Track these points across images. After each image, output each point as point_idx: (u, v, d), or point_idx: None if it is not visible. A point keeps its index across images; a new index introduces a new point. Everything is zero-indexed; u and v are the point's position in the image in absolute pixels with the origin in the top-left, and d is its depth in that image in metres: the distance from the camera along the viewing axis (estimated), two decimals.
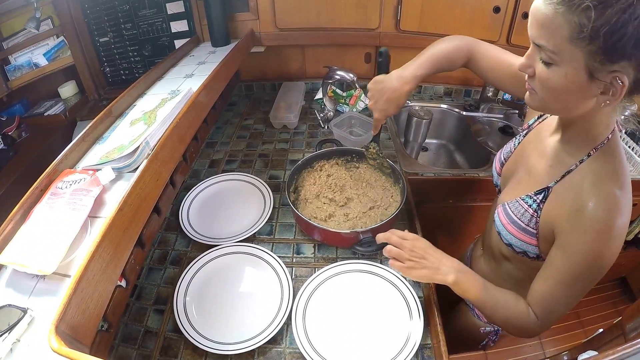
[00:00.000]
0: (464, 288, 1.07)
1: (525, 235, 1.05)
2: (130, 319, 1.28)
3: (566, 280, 0.95)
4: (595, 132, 0.93)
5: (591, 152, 0.93)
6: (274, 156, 2.00)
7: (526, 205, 1.04)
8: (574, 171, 0.96)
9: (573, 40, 0.77)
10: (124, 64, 2.48)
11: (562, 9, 0.77)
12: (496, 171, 1.30)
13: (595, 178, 0.90)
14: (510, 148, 1.25)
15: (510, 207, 1.09)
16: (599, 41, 0.74)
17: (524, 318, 1.03)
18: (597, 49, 0.75)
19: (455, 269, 1.08)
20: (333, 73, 2.00)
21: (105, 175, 1.10)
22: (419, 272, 1.09)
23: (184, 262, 1.45)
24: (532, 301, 1.03)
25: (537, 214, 1.01)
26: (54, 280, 0.90)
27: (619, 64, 0.76)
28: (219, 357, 1.17)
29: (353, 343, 1.18)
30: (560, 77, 0.83)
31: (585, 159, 0.94)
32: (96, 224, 1.02)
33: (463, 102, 2.48)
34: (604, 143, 0.92)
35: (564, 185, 0.97)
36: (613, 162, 0.92)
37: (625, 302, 2.90)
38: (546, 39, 0.82)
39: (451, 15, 2.14)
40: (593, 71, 0.79)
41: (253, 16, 2.22)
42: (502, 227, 1.11)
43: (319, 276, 1.35)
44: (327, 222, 1.48)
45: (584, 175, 0.93)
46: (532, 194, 1.03)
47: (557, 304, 1.00)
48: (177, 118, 1.26)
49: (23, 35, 2.27)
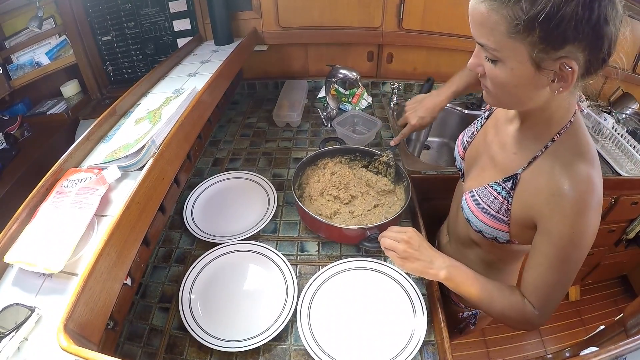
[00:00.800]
0: (457, 282, 1.09)
1: (495, 222, 1.05)
2: (135, 317, 1.28)
3: (555, 264, 0.94)
4: (557, 117, 0.94)
5: (555, 137, 0.94)
6: (277, 154, 2.00)
7: (495, 193, 1.04)
8: (540, 157, 0.96)
9: (512, 35, 0.77)
10: (126, 63, 2.49)
11: (495, 5, 0.77)
12: (459, 155, 1.31)
13: (565, 160, 0.91)
14: (472, 132, 1.27)
15: (478, 194, 1.10)
16: (537, 30, 0.74)
17: (521, 309, 1.03)
18: (537, 39, 0.75)
19: (447, 265, 1.10)
20: (336, 71, 2.00)
21: (111, 173, 1.10)
22: (412, 264, 1.12)
23: (188, 260, 1.45)
24: (526, 292, 1.03)
25: (507, 202, 1.01)
26: (61, 279, 0.90)
27: (564, 50, 0.75)
28: (224, 355, 1.17)
29: (357, 340, 1.18)
30: (507, 72, 0.84)
31: (550, 144, 0.95)
32: (103, 223, 1.02)
33: (465, 100, 2.48)
34: (566, 127, 0.93)
35: (533, 172, 0.97)
36: (579, 142, 0.93)
37: (626, 300, 2.91)
38: (486, 37, 0.82)
39: (454, 13, 2.13)
40: (539, 61, 0.78)
41: (256, 15, 2.22)
42: (472, 214, 1.11)
43: (324, 274, 1.35)
44: (332, 220, 1.48)
45: (553, 160, 0.93)
46: (500, 181, 1.04)
47: (552, 290, 0.99)
48: (182, 116, 1.26)
49: (25, 34, 2.27)
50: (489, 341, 2.69)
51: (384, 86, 2.58)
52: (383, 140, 2.08)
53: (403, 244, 1.14)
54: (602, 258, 2.46)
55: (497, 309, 1.08)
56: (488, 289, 1.07)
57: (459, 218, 1.28)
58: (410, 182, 1.55)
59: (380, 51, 2.46)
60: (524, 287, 1.04)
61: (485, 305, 1.10)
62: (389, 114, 2.30)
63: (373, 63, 2.52)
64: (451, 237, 1.43)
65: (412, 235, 1.15)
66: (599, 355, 0.91)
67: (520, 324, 1.07)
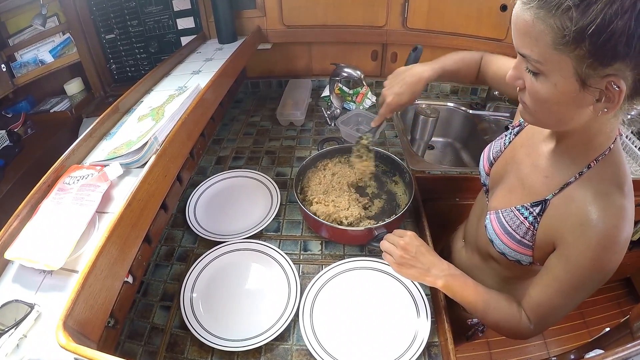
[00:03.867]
0: (454, 291, 1.08)
1: (520, 247, 1.02)
2: (136, 315, 1.27)
3: (565, 290, 0.91)
4: (596, 143, 0.87)
5: (592, 163, 0.88)
6: (281, 153, 2.00)
7: (522, 217, 1.00)
8: (573, 183, 0.90)
9: (558, 46, 0.71)
10: (130, 61, 2.49)
11: (542, 13, 0.71)
12: (484, 170, 1.25)
13: (599, 190, 0.85)
14: (500, 147, 1.20)
15: (504, 216, 1.05)
16: (586, 43, 0.67)
17: (516, 322, 1.02)
18: (585, 53, 0.68)
19: (445, 273, 1.09)
20: (340, 70, 1.99)
21: (113, 170, 1.09)
22: (408, 270, 1.12)
23: (190, 259, 1.44)
24: (527, 306, 1.01)
25: (533, 227, 0.97)
26: (61, 276, 0.90)
27: (613, 67, 0.68)
28: (225, 354, 1.16)
29: (360, 340, 1.17)
30: (550, 88, 0.77)
31: (586, 171, 0.89)
32: (104, 220, 1.02)
33: (469, 100, 2.47)
34: (604, 154, 0.87)
35: (564, 198, 0.92)
36: (616, 172, 0.87)
37: (629, 302, 2.89)
38: (529, 47, 0.76)
39: (458, 13, 2.12)
40: (584, 78, 0.72)
41: (260, 13, 2.21)
42: (496, 236, 1.07)
43: (326, 273, 1.34)
44: (338, 222, 1.46)
45: (585, 188, 0.87)
46: (528, 206, 0.99)
47: (554, 311, 0.97)
48: (185, 114, 1.25)
49: (29, 32, 2.27)
50: (492, 343, 2.68)
51: None
52: (387, 140, 2.07)
53: (400, 249, 1.13)
54: None
55: (492, 320, 1.07)
56: (485, 299, 1.07)
57: (479, 232, 1.25)
58: (414, 180, 1.53)
59: (385, 50, 2.44)
60: (526, 300, 1.02)
61: (480, 314, 1.09)
62: (392, 113, 2.29)
63: (377, 62, 2.50)
64: (468, 245, 1.40)
65: (409, 241, 1.14)
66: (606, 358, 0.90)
67: (513, 334, 1.06)
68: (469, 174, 1.87)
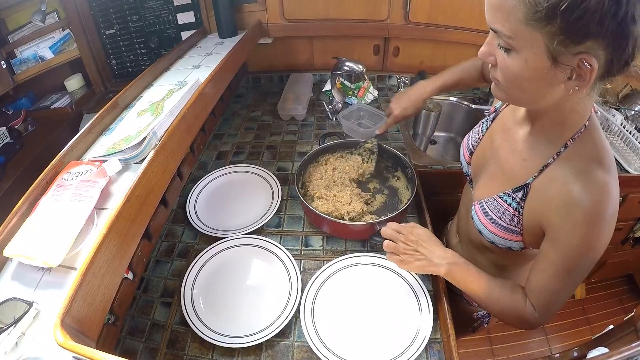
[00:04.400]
0: (457, 279, 1.09)
1: (508, 233, 1.02)
2: (137, 312, 1.26)
3: (561, 272, 0.91)
4: (570, 122, 0.88)
5: (568, 142, 0.88)
6: (282, 148, 1.99)
7: (505, 204, 1.00)
8: (552, 164, 0.91)
9: (529, 22, 0.71)
10: (130, 57, 2.48)
11: None
12: (465, 160, 1.26)
13: (579, 167, 0.85)
14: (478, 134, 1.20)
15: (487, 205, 1.06)
16: (558, 20, 0.67)
17: (520, 310, 1.02)
18: (557, 30, 0.69)
19: (448, 261, 1.09)
20: (342, 64, 1.97)
21: (112, 166, 1.09)
22: (412, 264, 1.13)
23: (191, 255, 1.43)
24: (529, 293, 1.01)
25: (518, 213, 0.97)
26: (60, 273, 0.90)
27: (584, 45, 0.69)
28: (226, 351, 1.15)
29: (362, 337, 1.17)
30: (521, 64, 0.78)
31: (563, 150, 0.89)
32: (103, 216, 1.01)
33: (472, 95, 2.45)
34: (580, 131, 0.87)
35: (544, 180, 0.92)
36: (595, 147, 0.87)
37: (631, 299, 2.89)
38: (501, 23, 0.76)
39: (461, 6, 2.10)
40: (556, 55, 0.72)
41: (260, 7, 2.20)
42: (483, 226, 1.07)
43: (328, 269, 1.33)
44: (339, 216, 1.46)
45: (566, 167, 0.88)
46: (510, 192, 0.99)
47: (555, 296, 0.96)
48: (184, 108, 1.24)
49: (29, 28, 2.27)
50: (493, 338, 2.68)
51: (390, 80, 2.55)
52: (390, 135, 2.05)
53: (400, 245, 1.14)
54: (608, 256, 2.42)
55: (497, 307, 1.07)
56: (489, 287, 1.06)
57: (469, 223, 1.24)
58: (416, 175, 1.52)
59: (387, 44, 2.43)
60: (528, 288, 1.01)
61: (484, 302, 1.09)
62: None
63: (379, 56, 2.49)
64: (462, 239, 1.40)
65: (408, 236, 1.15)
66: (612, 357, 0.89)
67: (519, 323, 1.05)
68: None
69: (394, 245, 1.15)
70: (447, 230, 1.58)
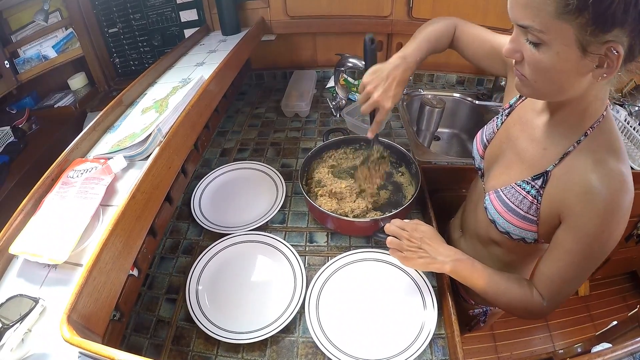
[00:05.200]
0: (463, 276, 1.09)
1: (524, 222, 1.02)
2: (142, 308, 1.27)
3: (577, 261, 0.93)
4: (592, 110, 0.89)
5: (588, 131, 0.90)
6: (286, 145, 1.99)
7: (524, 192, 1.00)
8: (572, 152, 0.92)
9: (561, 15, 0.72)
10: (133, 55, 2.48)
11: None
12: (478, 154, 1.25)
13: (598, 157, 0.88)
14: (492, 129, 1.20)
15: (505, 193, 1.05)
16: (588, 11, 0.69)
17: (528, 301, 1.03)
18: (587, 20, 0.70)
19: (452, 258, 1.09)
20: (345, 61, 1.97)
21: (117, 163, 1.09)
22: (415, 261, 1.12)
23: (196, 251, 1.44)
24: (538, 283, 1.02)
25: (537, 201, 0.98)
26: (66, 270, 0.90)
27: (612, 33, 0.71)
28: (231, 346, 1.16)
29: (366, 332, 1.17)
30: (552, 56, 0.78)
31: (583, 139, 0.91)
32: (108, 213, 1.01)
33: (475, 91, 2.44)
34: (599, 121, 0.89)
35: (565, 168, 0.93)
36: (611, 138, 0.90)
37: (635, 296, 2.89)
38: (531, 18, 0.76)
39: (464, 2, 2.09)
40: (585, 45, 0.74)
41: (263, 4, 2.20)
42: (498, 215, 1.07)
43: (332, 265, 1.33)
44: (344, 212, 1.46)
45: (585, 156, 0.90)
46: (529, 179, 1.00)
47: (567, 285, 0.98)
48: (189, 105, 1.25)
49: (31, 27, 2.27)
50: (497, 335, 2.68)
51: None
52: (393, 131, 2.05)
53: (405, 241, 1.14)
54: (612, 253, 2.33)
55: (504, 301, 1.08)
56: (495, 281, 1.07)
57: (478, 217, 1.25)
58: (420, 171, 1.52)
59: (390, 40, 2.42)
60: (537, 277, 1.02)
61: (491, 297, 1.09)
62: (398, 104, 2.27)
63: (382, 53, 2.48)
64: (466, 234, 1.40)
65: (412, 233, 1.15)
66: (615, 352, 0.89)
67: (527, 313, 1.07)
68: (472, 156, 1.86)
69: (397, 242, 1.15)
70: (449, 225, 1.58)
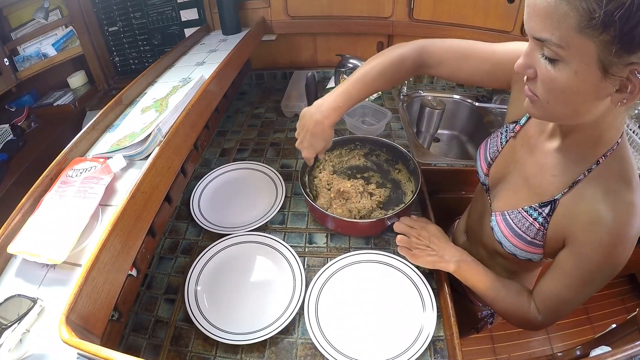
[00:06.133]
0: (465, 277, 1.10)
1: (530, 247, 1.00)
2: (140, 309, 1.27)
3: (575, 285, 0.91)
4: (606, 138, 0.84)
5: (600, 159, 0.85)
6: (286, 145, 1.98)
7: (531, 219, 0.98)
8: (582, 181, 0.88)
9: (583, 30, 0.64)
10: (133, 54, 2.48)
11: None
12: (482, 171, 1.21)
13: (609, 187, 0.84)
14: (497, 147, 1.16)
15: (511, 218, 1.03)
16: (614, 28, 0.62)
17: (525, 311, 1.03)
18: (612, 38, 0.63)
19: (457, 259, 1.11)
20: (346, 61, 1.98)
21: (117, 163, 1.09)
22: (424, 259, 1.15)
23: (195, 251, 1.43)
24: (537, 297, 1.02)
25: (544, 227, 0.96)
26: (64, 270, 0.89)
27: (637, 55, 0.64)
28: (230, 347, 1.15)
29: (365, 334, 1.16)
30: (569, 75, 0.71)
31: (594, 167, 0.86)
32: (107, 213, 1.01)
33: (476, 92, 2.44)
34: (613, 149, 0.84)
35: (573, 197, 0.90)
36: (624, 167, 0.85)
37: (634, 298, 2.88)
38: (550, 31, 0.69)
39: (465, 4, 2.08)
40: (607, 65, 0.66)
41: (264, 4, 2.20)
42: (505, 239, 1.06)
43: (332, 266, 1.33)
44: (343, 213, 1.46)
45: (596, 185, 0.86)
46: (536, 206, 0.97)
47: (563, 305, 0.97)
48: (189, 105, 1.24)
49: (31, 25, 2.27)
50: (495, 337, 2.68)
51: None
52: (393, 132, 2.05)
53: (414, 239, 1.16)
54: None
55: (502, 306, 1.08)
56: (496, 286, 1.08)
57: (484, 229, 1.24)
58: (420, 172, 1.52)
59: (391, 41, 2.41)
60: (536, 291, 1.02)
61: (490, 301, 1.10)
62: (398, 106, 2.27)
63: None
64: (471, 240, 1.40)
65: (421, 232, 1.17)
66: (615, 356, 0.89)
67: (521, 323, 1.07)
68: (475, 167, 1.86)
69: (407, 240, 1.17)
70: (454, 228, 1.57)
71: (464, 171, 1.85)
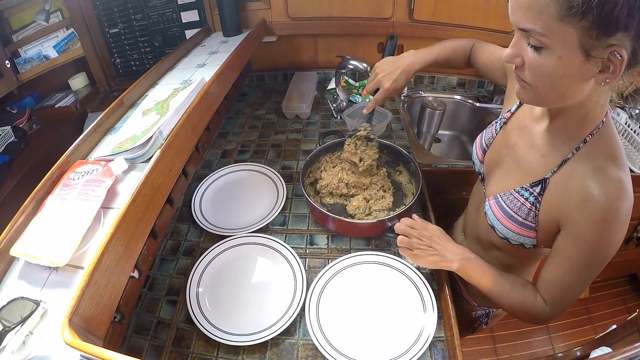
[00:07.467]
0: (469, 274, 1.10)
1: (523, 229, 1.02)
2: (142, 310, 1.27)
3: (577, 268, 0.93)
4: (592, 116, 0.89)
5: (587, 137, 0.90)
6: (287, 146, 1.99)
7: (522, 199, 1.01)
8: (571, 159, 0.92)
9: (563, 18, 0.71)
10: (134, 55, 2.48)
11: None
12: (478, 159, 1.26)
13: (597, 164, 0.87)
14: (491, 134, 1.21)
15: (503, 200, 1.06)
16: (592, 15, 0.68)
17: (531, 305, 1.03)
18: (591, 24, 0.69)
19: (460, 257, 1.11)
20: (346, 62, 1.97)
21: (118, 165, 1.09)
22: (425, 259, 1.14)
23: (196, 253, 1.44)
24: (541, 288, 1.02)
25: (535, 208, 0.98)
26: (67, 272, 0.90)
27: (615, 37, 0.70)
28: (231, 349, 1.16)
29: (366, 335, 1.17)
30: (554, 60, 0.77)
31: (582, 146, 0.90)
32: (109, 215, 1.01)
33: (476, 93, 2.45)
34: (598, 127, 0.89)
35: (563, 175, 0.93)
36: (611, 145, 0.89)
37: (635, 298, 2.89)
38: (533, 21, 0.75)
39: (465, 5, 2.09)
40: (589, 49, 0.73)
41: (265, 5, 2.20)
42: (497, 221, 1.08)
43: (333, 267, 1.33)
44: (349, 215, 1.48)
45: (584, 163, 0.89)
46: (527, 186, 1.00)
47: (568, 291, 0.98)
48: (190, 107, 1.24)
49: (33, 27, 2.27)
50: (496, 337, 2.68)
51: None
52: (394, 133, 2.05)
53: (415, 240, 1.15)
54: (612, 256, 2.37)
55: (507, 303, 1.08)
56: (500, 283, 1.07)
57: (479, 221, 1.26)
58: (420, 173, 1.52)
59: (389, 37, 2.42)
60: (540, 283, 1.02)
61: (495, 298, 1.10)
62: (399, 106, 2.27)
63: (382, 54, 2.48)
64: (468, 237, 1.41)
65: (422, 232, 1.16)
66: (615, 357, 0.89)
67: (529, 317, 1.07)
68: None
69: (407, 241, 1.16)
70: (453, 228, 1.58)
71: (464, 172, 1.85)
